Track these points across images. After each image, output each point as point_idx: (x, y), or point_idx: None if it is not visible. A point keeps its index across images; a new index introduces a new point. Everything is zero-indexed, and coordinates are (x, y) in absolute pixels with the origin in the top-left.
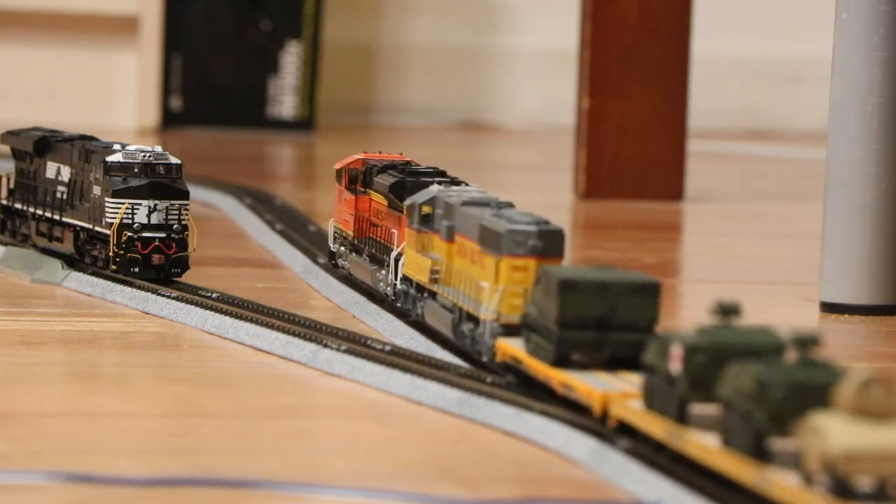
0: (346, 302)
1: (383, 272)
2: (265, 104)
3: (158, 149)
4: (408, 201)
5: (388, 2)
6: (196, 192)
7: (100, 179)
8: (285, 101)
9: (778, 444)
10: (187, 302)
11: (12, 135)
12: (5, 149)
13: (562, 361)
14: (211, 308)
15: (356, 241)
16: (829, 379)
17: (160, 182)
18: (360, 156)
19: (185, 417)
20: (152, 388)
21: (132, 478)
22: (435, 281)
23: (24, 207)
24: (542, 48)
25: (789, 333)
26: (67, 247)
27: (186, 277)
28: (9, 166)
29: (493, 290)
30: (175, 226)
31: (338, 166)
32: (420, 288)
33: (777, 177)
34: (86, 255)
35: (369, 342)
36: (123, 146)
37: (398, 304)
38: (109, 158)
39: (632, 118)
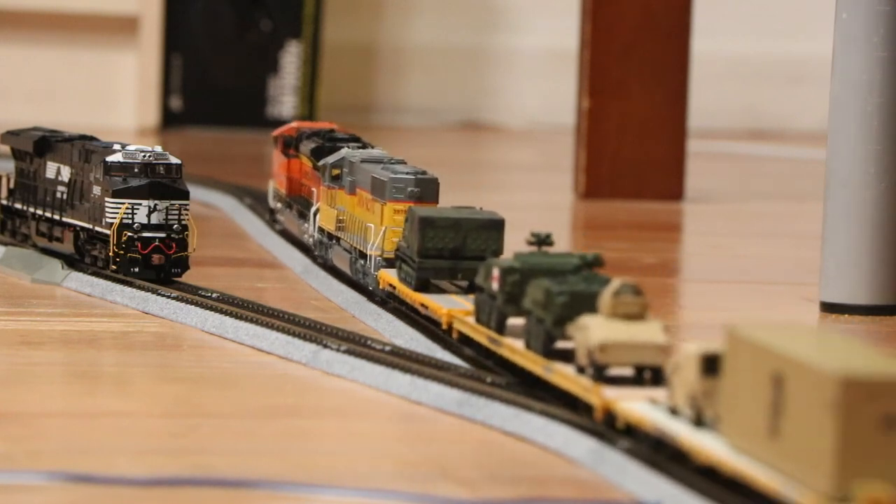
0: (346, 302)
1: (306, 225)
2: (265, 104)
3: (158, 149)
4: (321, 162)
5: (388, 2)
6: (196, 192)
7: (100, 179)
8: (285, 101)
9: (561, 343)
10: (187, 302)
11: (12, 135)
12: (5, 149)
13: (422, 286)
14: (211, 308)
15: (288, 199)
16: (600, 289)
17: (160, 182)
18: (295, 124)
19: (185, 417)
20: (152, 388)
21: (132, 478)
22: (340, 229)
23: (24, 207)
24: (542, 48)
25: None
26: (67, 247)
27: (186, 277)
28: (9, 166)
29: (378, 230)
30: (175, 226)
31: (275, 133)
32: (330, 236)
33: (777, 177)
34: (86, 255)
35: (369, 342)
36: (123, 146)
37: (316, 253)
38: (109, 158)
39: (632, 118)
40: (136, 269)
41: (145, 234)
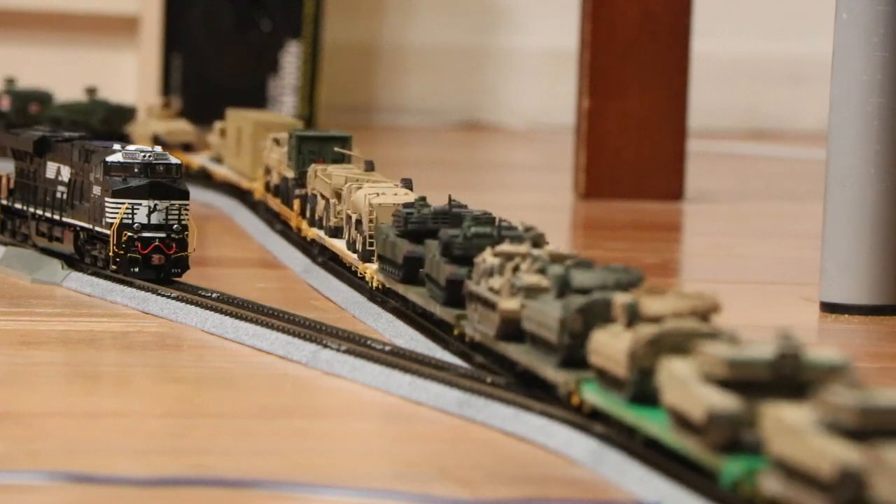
0: (346, 302)
1: None
2: (265, 104)
3: (158, 149)
4: None
5: (388, 2)
6: (196, 193)
7: (100, 179)
8: (285, 100)
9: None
10: (187, 302)
11: (12, 135)
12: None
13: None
14: (211, 308)
15: None
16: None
17: (160, 182)
18: None
19: (185, 417)
20: (152, 388)
21: (132, 478)
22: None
23: (24, 207)
24: (542, 48)
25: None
26: (67, 247)
27: (186, 277)
28: (9, 166)
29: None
30: (175, 226)
31: None
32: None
33: (777, 177)
34: (86, 255)
35: (369, 342)
36: (123, 146)
37: None
38: (109, 158)
39: (632, 118)
40: (136, 269)
41: (145, 234)
